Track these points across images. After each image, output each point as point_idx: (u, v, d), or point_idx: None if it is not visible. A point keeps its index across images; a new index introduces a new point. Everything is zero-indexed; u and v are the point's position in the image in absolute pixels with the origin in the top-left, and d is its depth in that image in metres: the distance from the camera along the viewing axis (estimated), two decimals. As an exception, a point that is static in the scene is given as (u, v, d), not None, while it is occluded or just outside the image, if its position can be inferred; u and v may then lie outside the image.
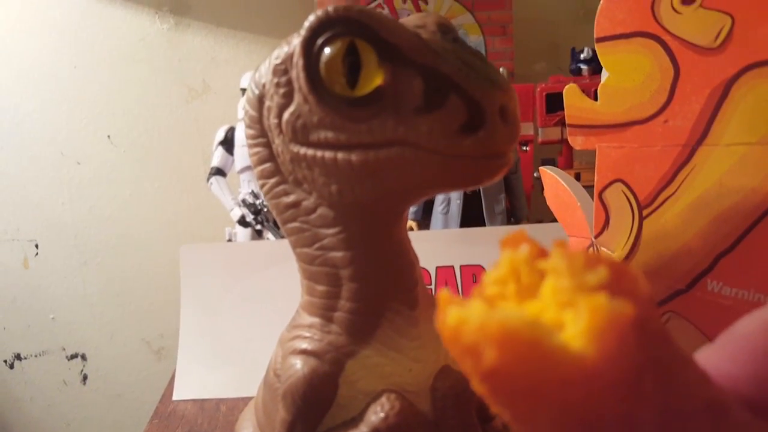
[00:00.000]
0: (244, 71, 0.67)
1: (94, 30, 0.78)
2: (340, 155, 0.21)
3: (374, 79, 0.20)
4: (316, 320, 0.25)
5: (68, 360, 0.87)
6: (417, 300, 0.24)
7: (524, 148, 0.69)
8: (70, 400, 0.88)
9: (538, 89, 0.64)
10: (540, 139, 0.66)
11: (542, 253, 0.11)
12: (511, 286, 0.11)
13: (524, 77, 0.74)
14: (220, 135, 0.64)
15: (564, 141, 0.66)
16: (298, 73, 0.21)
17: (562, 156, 0.68)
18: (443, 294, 0.11)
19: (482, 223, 0.59)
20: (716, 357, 0.12)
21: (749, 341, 0.12)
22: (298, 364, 0.24)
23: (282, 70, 0.22)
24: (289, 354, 0.25)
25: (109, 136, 0.81)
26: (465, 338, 0.10)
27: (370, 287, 0.23)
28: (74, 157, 0.81)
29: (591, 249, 0.32)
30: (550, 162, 0.69)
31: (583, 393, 0.10)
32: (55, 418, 0.89)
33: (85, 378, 0.88)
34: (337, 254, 0.23)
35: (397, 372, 0.24)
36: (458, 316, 0.10)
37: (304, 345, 0.24)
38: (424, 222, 0.63)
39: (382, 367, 0.24)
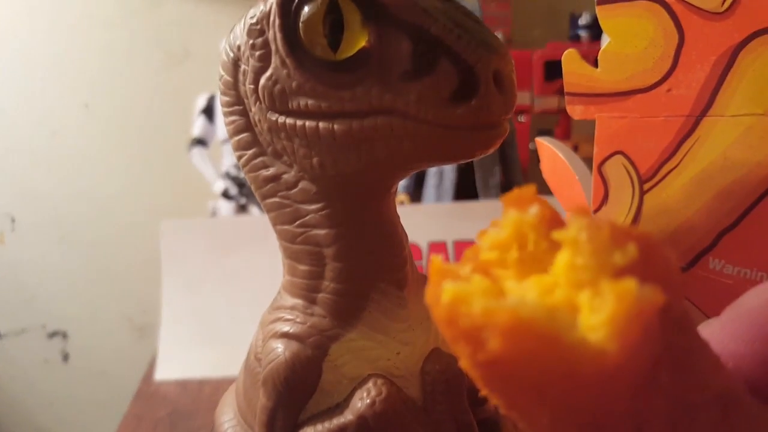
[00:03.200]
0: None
1: (68, -8, 0.74)
2: (321, 124, 0.19)
3: (358, 40, 0.18)
4: (298, 302, 0.23)
5: (49, 338, 0.85)
6: (406, 279, 0.23)
7: (520, 118, 0.67)
8: (51, 379, 0.87)
9: (536, 56, 0.62)
10: (537, 109, 0.64)
11: (555, 218, 0.10)
12: (514, 252, 0.10)
13: (521, 43, 0.72)
14: (201, 103, 0.62)
15: (562, 111, 0.64)
16: (275, 34, 0.19)
17: (559, 126, 0.67)
18: (436, 263, 0.09)
19: (476, 197, 0.58)
20: (720, 334, 0.11)
21: (754, 318, 0.11)
22: (279, 348, 0.23)
23: (258, 30, 0.20)
24: (269, 337, 0.23)
25: (86, 105, 0.78)
26: (464, 321, 0.08)
27: (356, 267, 0.22)
28: (50, 126, 0.78)
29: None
30: (547, 133, 0.67)
31: (595, 392, 0.08)
32: (37, 397, 0.87)
33: (66, 356, 0.86)
34: (320, 232, 0.22)
35: (385, 355, 0.23)
36: (456, 295, 0.08)
37: (286, 328, 0.23)
38: (415, 195, 0.62)
39: (368, 350, 0.23)
